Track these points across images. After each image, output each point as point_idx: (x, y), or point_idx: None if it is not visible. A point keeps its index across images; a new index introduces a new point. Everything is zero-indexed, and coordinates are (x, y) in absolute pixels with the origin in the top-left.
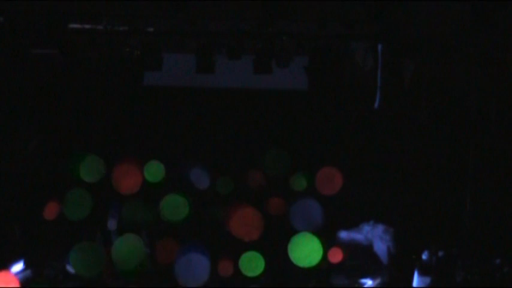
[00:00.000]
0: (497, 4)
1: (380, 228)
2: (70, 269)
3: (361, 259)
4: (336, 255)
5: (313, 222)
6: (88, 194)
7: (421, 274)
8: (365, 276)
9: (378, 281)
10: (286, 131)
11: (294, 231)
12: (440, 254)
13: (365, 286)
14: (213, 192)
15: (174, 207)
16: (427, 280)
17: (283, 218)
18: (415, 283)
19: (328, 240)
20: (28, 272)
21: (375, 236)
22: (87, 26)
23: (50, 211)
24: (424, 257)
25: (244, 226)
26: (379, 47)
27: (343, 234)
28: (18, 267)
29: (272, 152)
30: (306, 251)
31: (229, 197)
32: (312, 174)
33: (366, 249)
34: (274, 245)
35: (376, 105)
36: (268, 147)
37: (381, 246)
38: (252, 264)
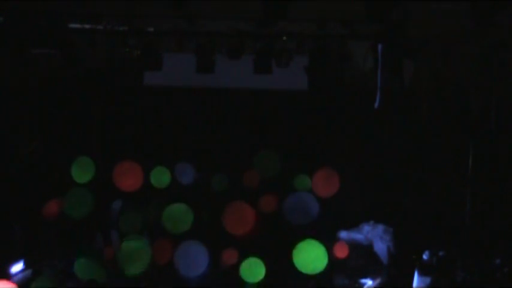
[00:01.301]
0: (497, 4)
1: (380, 228)
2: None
3: (361, 259)
4: (342, 251)
5: (308, 214)
6: (89, 192)
7: (421, 274)
8: (365, 276)
9: (378, 281)
10: (286, 131)
11: (295, 233)
12: (440, 254)
13: (365, 286)
14: (210, 190)
15: (177, 219)
16: (427, 280)
17: (284, 220)
18: (415, 283)
19: (328, 240)
20: (28, 272)
21: (375, 236)
22: (87, 26)
23: (50, 211)
24: (424, 257)
25: (237, 219)
26: (379, 47)
27: (343, 234)
28: (18, 267)
29: (265, 153)
30: (310, 257)
31: (226, 195)
32: (312, 174)
33: (366, 249)
34: (276, 248)
35: (376, 105)
36: (268, 147)
37: (381, 246)
38: (253, 270)
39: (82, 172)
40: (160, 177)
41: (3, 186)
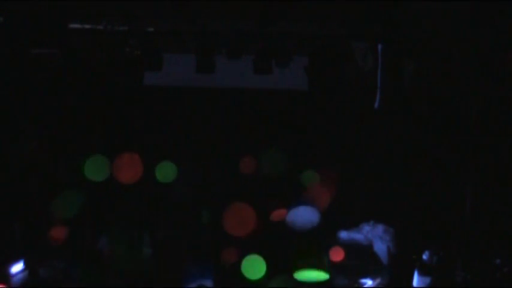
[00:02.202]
0: (497, 4)
1: (380, 228)
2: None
3: (361, 259)
4: (338, 254)
5: (310, 222)
6: (78, 193)
7: (421, 274)
8: (365, 276)
9: (378, 281)
10: (286, 131)
11: (296, 236)
12: (441, 254)
13: (365, 286)
14: (209, 190)
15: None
16: (427, 280)
17: (283, 222)
18: (415, 283)
19: (328, 240)
20: (28, 272)
21: (375, 236)
22: (87, 26)
23: (57, 235)
24: (424, 257)
25: (236, 220)
26: (379, 47)
27: (343, 234)
28: (18, 267)
29: (270, 152)
30: (312, 277)
31: (225, 195)
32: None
33: (366, 249)
34: (276, 249)
35: (376, 105)
36: (268, 148)
37: (381, 246)
38: (255, 267)
39: (96, 171)
40: (166, 171)
41: (3, 186)
